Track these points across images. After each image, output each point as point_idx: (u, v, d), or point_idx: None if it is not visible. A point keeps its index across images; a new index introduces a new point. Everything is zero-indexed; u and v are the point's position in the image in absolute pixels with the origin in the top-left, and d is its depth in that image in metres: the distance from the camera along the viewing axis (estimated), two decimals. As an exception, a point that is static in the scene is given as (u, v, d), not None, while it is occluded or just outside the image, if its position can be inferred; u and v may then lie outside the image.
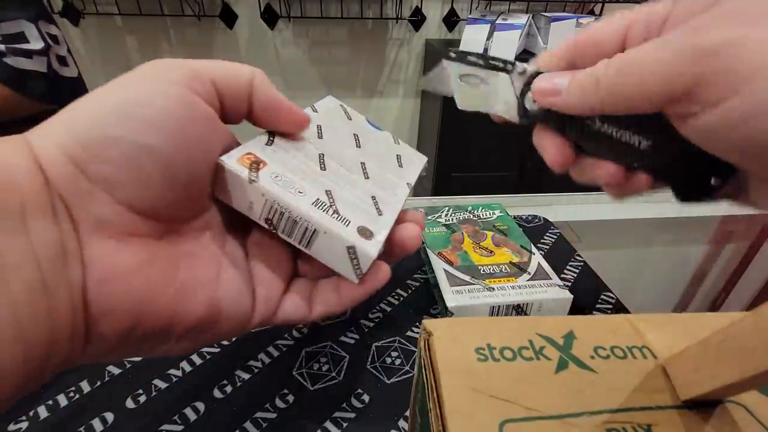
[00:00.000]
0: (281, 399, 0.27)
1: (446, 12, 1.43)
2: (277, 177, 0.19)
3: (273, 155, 0.20)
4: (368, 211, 0.21)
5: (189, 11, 1.28)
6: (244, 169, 0.18)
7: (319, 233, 0.19)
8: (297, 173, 0.20)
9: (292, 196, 0.18)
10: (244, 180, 0.18)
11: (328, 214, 0.19)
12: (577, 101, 0.18)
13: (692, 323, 0.15)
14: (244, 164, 0.18)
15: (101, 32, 1.35)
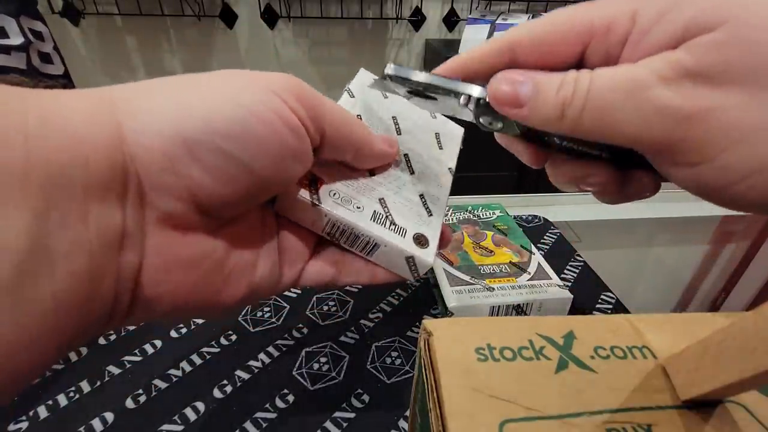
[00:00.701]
0: (281, 399, 0.27)
1: (446, 12, 1.43)
2: (336, 194, 0.20)
3: (326, 168, 0.21)
4: (419, 213, 0.22)
5: (189, 11, 1.28)
6: (306, 192, 0.19)
7: (380, 246, 0.20)
8: (351, 185, 0.21)
9: (352, 214, 0.20)
10: (307, 204, 0.19)
11: (385, 227, 0.20)
12: (542, 122, 0.17)
13: (692, 323, 0.15)
14: (304, 186, 0.19)
15: (101, 32, 1.35)
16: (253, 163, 0.15)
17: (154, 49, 1.41)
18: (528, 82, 0.17)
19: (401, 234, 0.21)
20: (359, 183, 0.21)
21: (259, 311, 0.34)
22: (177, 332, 0.32)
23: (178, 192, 0.14)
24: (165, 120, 0.14)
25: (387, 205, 0.21)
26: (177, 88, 0.15)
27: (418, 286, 0.37)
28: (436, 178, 0.25)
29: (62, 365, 0.29)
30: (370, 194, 0.21)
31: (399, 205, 0.22)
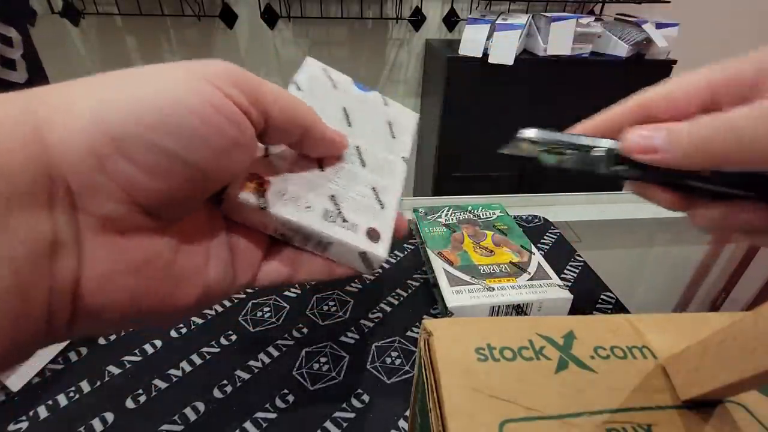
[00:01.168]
0: (281, 399, 0.27)
1: (446, 12, 1.43)
2: (284, 195, 0.20)
3: (274, 167, 0.20)
4: (372, 206, 0.22)
5: (189, 11, 1.28)
6: (252, 194, 0.19)
7: (332, 244, 0.20)
8: (300, 182, 0.20)
9: (301, 215, 0.19)
10: (254, 207, 0.19)
11: (336, 224, 0.20)
12: (677, 160, 0.17)
13: (692, 323, 0.15)
14: (250, 190, 0.19)
15: (101, 32, 1.35)
16: (189, 155, 0.14)
17: (154, 49, 1.41)
18: (661, 129, 0.18)
19: (353, 230, 0.21)
20: (309, 179, 0.21)
21: (259, 311, 0.34)
22: (177, 332, 0.32)
23: (113, 192, 0.14)
24: (87, 117, 0.13)
25: (337, 201, 0.21)
26: (100, 85, 0.14)
27: (418, 286, 0.37)
28: (389, 168, 0.25)
29: (62, 365, 0.29)
30: (320, 191, 0.21)
31: (350, 200, 0.22)
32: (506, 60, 1.18)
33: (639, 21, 1.28)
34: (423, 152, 1.61)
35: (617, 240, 0.83)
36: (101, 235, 0.14)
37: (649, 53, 1.29)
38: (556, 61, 1.24)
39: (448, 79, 1.23)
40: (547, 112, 1.33)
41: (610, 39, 1.27)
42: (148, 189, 0.14)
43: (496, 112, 1.29)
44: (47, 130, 0.13)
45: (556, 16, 1.19)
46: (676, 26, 1.27)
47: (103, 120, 0.13)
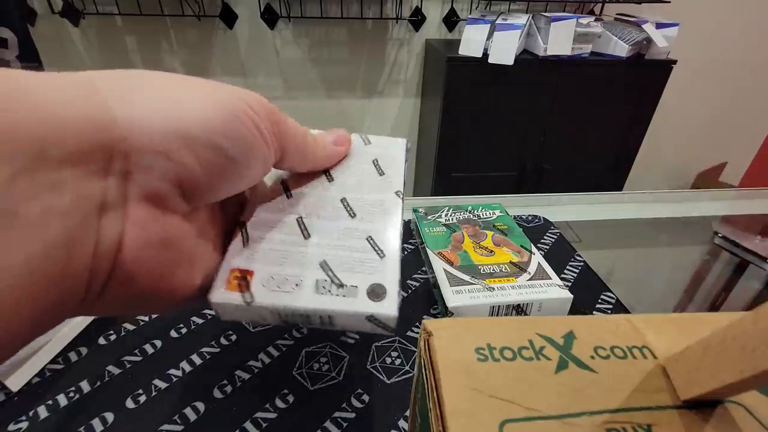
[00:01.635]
0: (281, 399, 0.27)
1: (446, 12, 1.43)
2: (270, 280, 0.19)
3: (255, 254, 0.19)
4: (370, 259, 0.20)
5: (189, 11, 1.28)
6: (236, 294, 0.18)
7: (333, 317, 0.19)
8: (285, 261, 0.19)
9: (291, 296, 0.18)
10: (241, 306, 0.18)
11: (332, 294, 0.19)
12: None
13: (692, 323, 0.15)
14: (233, 288, 0.18)
15: (101, 32, 1.35)
16: (239, 161, 0.17)
17: (154, 49, 1.41)
18: None
19: (352, 295, 0.19)
20: (293, 254, 0.20)
21: (259, 311, 0.34)
22: (177, 332, 0.32)
23: (166, 174, 0.15)
24: (165, 115, 0.15)
25: (329, 266, 0.20)
26: (166, 86, 0.16)
27: (418, 286, 0.37)
28: (381, 210, 0.23)
29: (62, 365, 0.29)
30: (308, 260, 0.20)
31: (344, 261, 0.20)
32: (506, 60, 1.18)
33: (639, 21, 1.29)
34: (423, 152, 1.61)
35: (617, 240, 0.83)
36: (144, 206, 0.15)
37: (649, 53, 1.29)
38: (556, 61, 1.24)
39: (448, 79, 1.23)
40: (547, 112, 1.33)
41: (610, 39, 1.27)
42: (199, 180, 0.16)
43: (496, 112, 1.29)
44: (123, 113, 0.14)
45: (556, 16, 1.19)
46: (676, 26, 1.27)
47: (179, 121, 0.15)
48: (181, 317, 0.33)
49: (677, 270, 1.00)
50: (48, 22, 1.28)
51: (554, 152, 1.40)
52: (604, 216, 0.63)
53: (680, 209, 0.73)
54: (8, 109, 0.11)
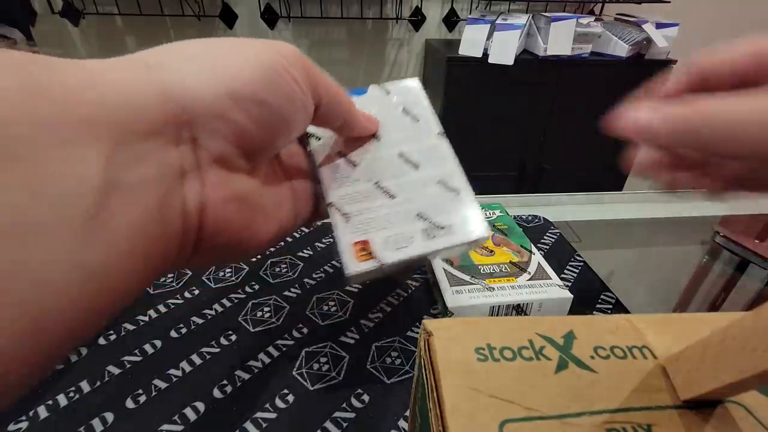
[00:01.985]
0: (281, 399, 0.27)
1: (446, 12, 1.43)
2: (387, 241, 0.22)
3: (361, 226, 0.22)
4: (449, 198, 0.23)
5: (189, 11, 1.28)
6: (367, 262, 0.21)
7: (440, 252, 0.22)
8: (389, 223, 0.23)
9: (411, 249, 0.22)
10: (375, 270, 0.21)
11: (438, 236, 0.22)
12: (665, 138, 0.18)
13: (692, 323, 0.15)
14: (362, 259, 0.21)
15: (101, 32, 1.35)
16: (283, 112, 0.18)
17: (154, 49, 1.41)
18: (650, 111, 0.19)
19: (451, 231, 0.22)
20: (393, 215, 0.23)
21: (259, 311, 0.34)
22: (177, 332, 0.32)
23: (228, 136, 0.17)
24: (215, 80, 0.16)
25: (424, 215, 0.23)
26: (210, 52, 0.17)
27: (418, 286, 0.37)
28: (436, 154, 0.25)
29: (62, 365, 0.29)
30: (406, 216, 0.23)
31: (432, 206, 0.23)
32: (506, 60, 1.18)
33: (639, 21, 1.28)
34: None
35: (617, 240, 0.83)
36: (215, 168, 0.17)
37: (648, 53, 1.29)
38: (556, 61, 1.24)
39: (448, 79, 1.23)
40: (547, 112, 1.33)
41: (610, 39, 1.27)
42: (254, 136, 0.18)
43: (496, 112, 1.29)
44: (178, 85, 0.15)
45: (556, 16, 1.19)
46: (676, 26, 1.27)
47: (223, 82, 0.16)
48: (181, 317, 0.33)
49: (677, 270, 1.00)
50: (48, 22, 1.28)
51: (554, 152, 1.40)
52: (604, 216, 0.63)
53: (680, 209, 0.73)
54: (94, 98, 0.13)
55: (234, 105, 0.16)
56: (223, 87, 0.16)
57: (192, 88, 0.16)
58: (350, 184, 0.24)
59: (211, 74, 0.16)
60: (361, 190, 0.24)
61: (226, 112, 0.16)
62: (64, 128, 0.12)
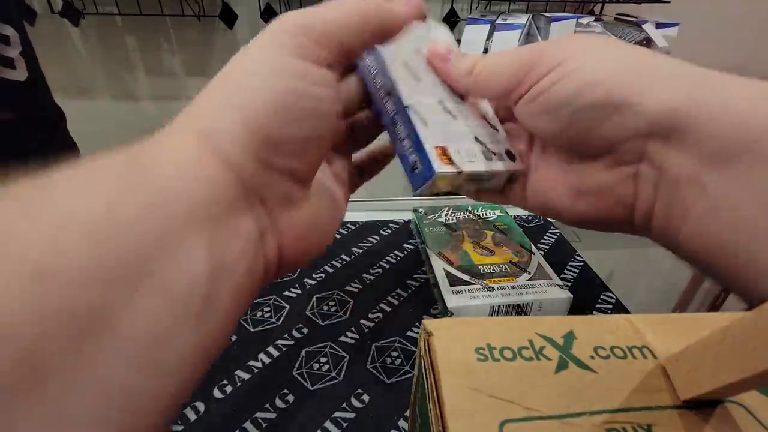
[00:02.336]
0: (281, 399, 0.27)
1: (446, 12, 1.43)
2: (459, 152, 0.23)
3: (436, 134, 0.23)
4: (492, 133, 0.25)
5: (189, 11, 1.28)
6: (449, 166, 0.22)
7: (494, 176, 0.24)
8: (458, 139, 0.23)
9: (479, 164, 0.23)
10: (455, 174, 0.22)
11: (495, 159, 0.24)
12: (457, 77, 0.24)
13: (692, 323, 0.15)
14: (445, 162, 0.22)
15: (101, 32, 1.35)
16: (314, 131, 0.18)
17: (154, 49, 1.41)
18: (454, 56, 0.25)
19: (502, 159, 0.24)
20: (458, 131, 0.24)
21: (259, 311, 0.34)
22: (177, 332, 0.32)
23: (279, 180, 0.17)
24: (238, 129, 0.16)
25: (480, 140, 0.24)
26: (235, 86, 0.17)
27: (418, 286, 0.37)
28: None
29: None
30: (467, 137, 0.24)
31: (484, 134, 0.25)
32: (506, 60, 1.18)
33: (639, 21, 1.29)
34: (423, 152, 1.60)
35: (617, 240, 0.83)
36: (282, 212, 0.18)
37: (649, 53, 1.28)
38: (556, 61, 1.24)
39: (448, 79, 1.23)
40: (547, 112, 1.33)
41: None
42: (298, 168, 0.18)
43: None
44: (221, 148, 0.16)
45: (556, 16, 1.19)
46: (676, 26, 1.27)
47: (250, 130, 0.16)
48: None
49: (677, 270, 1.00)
50: (48, 22, 1.28)
51: (554, 152, 1.39)
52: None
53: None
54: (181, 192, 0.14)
55: (269, 151, 0.17)
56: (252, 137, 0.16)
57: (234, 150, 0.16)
58: (420, 95, 0.24)
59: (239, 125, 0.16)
60: (430, 103, 0.24)
61: (268, 162, 0.17)
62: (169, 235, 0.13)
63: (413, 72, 0.25)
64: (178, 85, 1.53)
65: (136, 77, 1.48)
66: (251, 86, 0.17)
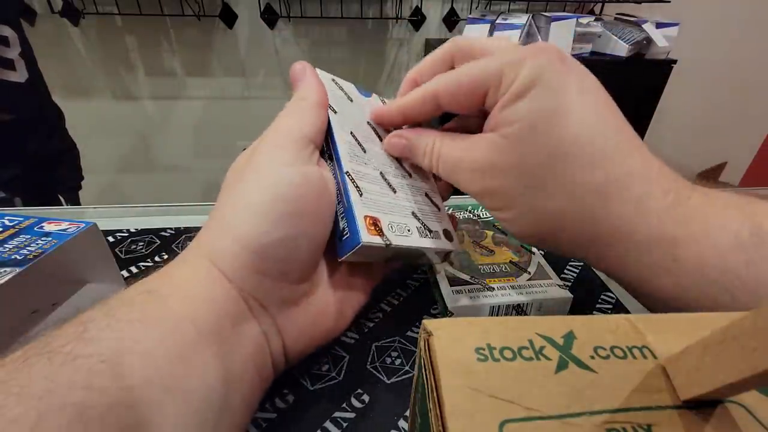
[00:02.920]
0: (281, 399, 0.27)
1: (446, 12, 1.43)
2: (391, 226, 0.23)
3: (371, 204, 0.23)
4: (433, 211, 0.26)
5: (189, 11, 1.28)
6: (377, 237, 0.21)
7: (425, 254, 0.25)
8: (392, 212, 0.23)
9: (410, 239, 0.23)
10: (380, 247, 0.22)
11: (429, 236, 0.24)
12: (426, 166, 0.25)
13: (692, 323, 0.15)
14: (373, 233, 0.21)
15: (101, 32, 1.35)
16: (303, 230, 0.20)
17: (154, 49, 1.41)
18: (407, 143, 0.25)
19: (437, 237, 0.24)
20: (394, 205, 0.24)
21: (259, 311, 0.34)
22: (177, 332, 0.32)
23: (278, 285, 0.19)
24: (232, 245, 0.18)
25: (418, 216, 0.25)
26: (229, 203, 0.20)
27: (418, 286, 0.37)
28: (422, 171, 0.28)
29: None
30: (404, 211, 0.24)
31: (423, 211, 0.25)
32: (506, 60, 1.17)
33: (639, 21, 1.28)
34: (423, 152, 1.60)
35: (617, 240, 0.83)
36: (286, 312, 0.20)
37: (649, 53, 1.29)
38: (556, 61, 1.23)
39: (448, 79, 1.23)
40: (547, 112, 1.33)
41: (610, 39, 1.27)
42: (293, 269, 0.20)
43: (496, 112, 1.29)
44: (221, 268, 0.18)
45: (556, 16, 1.19)
46: (676, 26, 1.27)
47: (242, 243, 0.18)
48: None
49: (677, 270, 0.99)
50: (48, 22, 1.28)
51: (554, 152, 1.39)
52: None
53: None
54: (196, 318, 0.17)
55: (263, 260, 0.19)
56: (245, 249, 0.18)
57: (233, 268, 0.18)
58: (361, 165, 0.24)
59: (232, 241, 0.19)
60: (370, 174, 0.24)
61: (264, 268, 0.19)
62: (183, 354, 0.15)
63: (360, 140, 0.25)
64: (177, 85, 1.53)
65: (136, 77, 1.48)
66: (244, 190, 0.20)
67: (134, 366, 0.14)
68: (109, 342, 0.14)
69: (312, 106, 0.23)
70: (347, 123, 0.25)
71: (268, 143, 0.21)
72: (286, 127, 0.22)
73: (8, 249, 0.25)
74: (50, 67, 0.85)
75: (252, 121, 1.56)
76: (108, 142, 1.51)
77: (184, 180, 1.65)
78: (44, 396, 0.12)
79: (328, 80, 0.27)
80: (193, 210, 0.49)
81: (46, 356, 0.13)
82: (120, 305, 0.16)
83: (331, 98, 0.25)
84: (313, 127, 0.22)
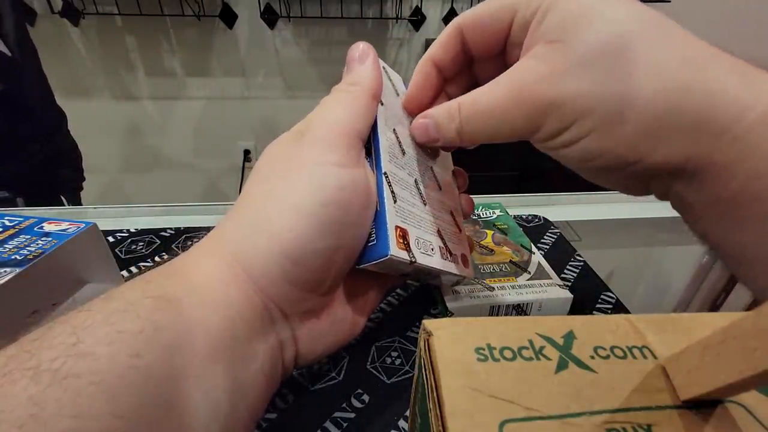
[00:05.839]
0: (281, 399, 0.27)
1: (446, 12, 1.43)
2: (418, 242, 0.21)
3: (402, 214, 0.22)
4: (455, 232, 0.25)
5: (189, 11, 1.28)
6: (404, 252, 0.20)
7: (448, 275, 0.24)
8: (420, 226, 0.22)
9: (432, 260, 0.22)
10: (404, 262, 0.20)
11: (448, 260, 0.23)
12: (443, 141, 0.22)
13: (692, 323, 0.15)
14: (400, 245, 0.20)
15: (101, 32, 1.35)
16: (342, 242, 0.19)
17: (154, 49, 1.41)
18: (431, 121, 0.22)
19: (455, 261, 0.24)
20: (422, 218, 0.23)
21: (259, 311, 0.34)
22: (177, 332, 0.32)
23: (304, 296, 0.18)
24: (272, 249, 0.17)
25: (442, 235, 0.24)
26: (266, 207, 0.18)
27: (418, 286, 0.37)
28: (450, 187, 0.27)
29: None
30: (431, 227, 0.23)
31: (446, 231, 0.24)
32: (506, 60, 1.18)
33: (639, 21, 1.28)
34: (423, 152, 1.60)
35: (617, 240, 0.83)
36: (304, 321, 0.19)
37: (649, 53, 1.28)
38: (556, 61, 1.24)
39: (448, 79, 1.23)
40: (547, 112, 1.33)
41: (610, 39, 1.27)
42: (322, 282, 0.19)
43: (496, 112, 1.29)
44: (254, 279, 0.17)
45: (556, 16, 1.18)
46: (676, 26, 1.27)
47: (283, 250, 0.17)
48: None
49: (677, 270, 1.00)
50: (48, 22, 1.28)
51: (554, 152, 1.39)
52: (604, 216, 0.63)
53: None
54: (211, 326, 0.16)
55: (297, 269, 0.17)
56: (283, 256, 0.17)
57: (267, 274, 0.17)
58: (399, 168, 0.22)
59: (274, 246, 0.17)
60: (405, 179, 0.23)
61: (295, 278, 0.18)
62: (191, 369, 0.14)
63: (401, 140, 0.24)
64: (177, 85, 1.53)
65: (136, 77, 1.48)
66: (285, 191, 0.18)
67: (132, 388, 0.12)
68: (105, 360, 0.12)
69: (365, 95, 0.20)
70: (390, 119, 0.23)
71: (315, 136, 0.19)
72: (336, 118, 0.19)
73: (8, 249, 0.25)
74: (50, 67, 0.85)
75: (252, 121, 1.56)
76: (108, 142, 1.51)
77: (184, 180, 1.65)
78: (26, 424, 0.11)
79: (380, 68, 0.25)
80: (193, 210, 0.49)
81: (31, 372, 0.11)
82: (123, 311, 0.14)
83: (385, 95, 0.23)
84: (365, 122, 0.20)
